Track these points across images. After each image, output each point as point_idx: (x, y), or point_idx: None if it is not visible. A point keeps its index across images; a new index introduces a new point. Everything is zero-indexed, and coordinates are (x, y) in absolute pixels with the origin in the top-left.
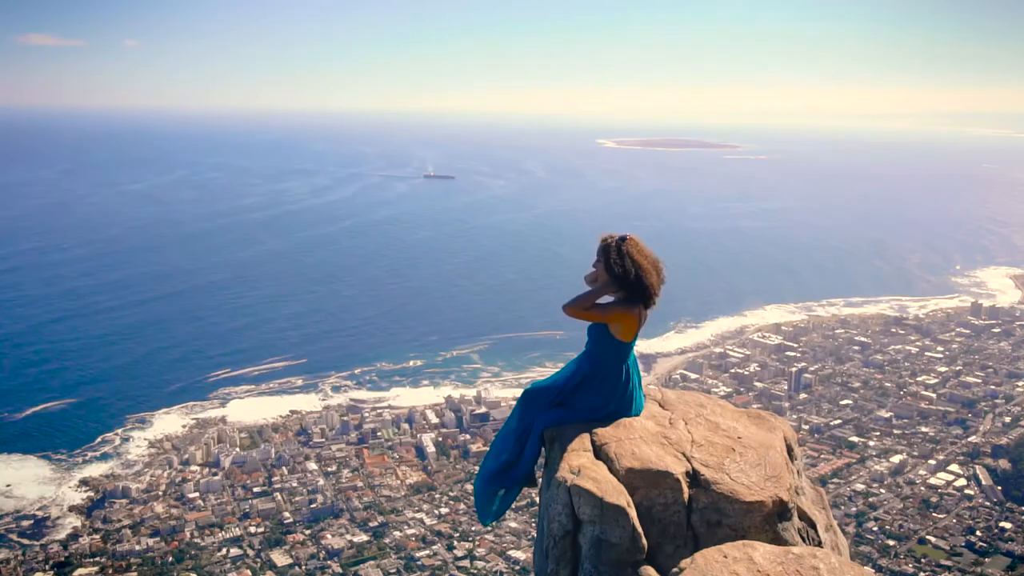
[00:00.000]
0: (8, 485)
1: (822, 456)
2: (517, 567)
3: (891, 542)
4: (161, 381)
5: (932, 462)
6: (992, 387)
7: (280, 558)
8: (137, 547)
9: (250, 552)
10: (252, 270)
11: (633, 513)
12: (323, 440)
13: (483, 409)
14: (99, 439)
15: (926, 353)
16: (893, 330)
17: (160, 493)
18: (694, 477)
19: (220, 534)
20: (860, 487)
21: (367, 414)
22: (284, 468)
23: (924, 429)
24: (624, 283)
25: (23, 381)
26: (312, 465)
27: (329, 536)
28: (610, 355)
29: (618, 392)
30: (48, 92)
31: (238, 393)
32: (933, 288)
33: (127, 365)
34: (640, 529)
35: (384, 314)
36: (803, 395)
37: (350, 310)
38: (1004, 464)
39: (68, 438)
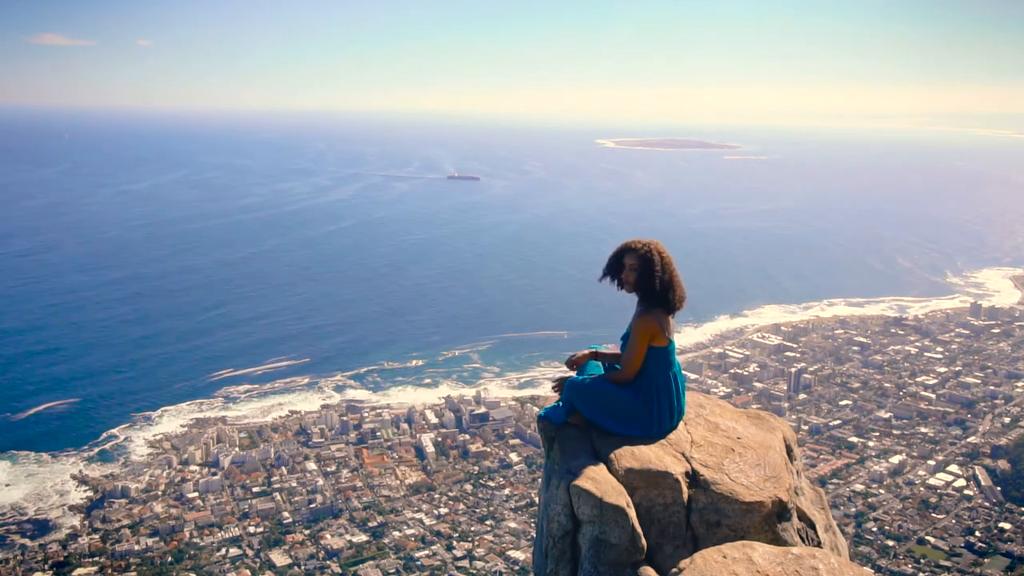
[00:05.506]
0: (8, 485)
1: (821, 456)
2: (516, 567)
3: (890, 542)
4: (162, 381)
5: (931, 462)
6: (991, 387)
7: (279, 558)
8: (136, 547)
9: (249, 552)
10: (253, 270)
11: (632, 513)
12: (323, 440)
13: (483, 409)
14: (100, 438)
15: (926, 353)
16: (893, 330)
17: (159, 493)
18: (693, 477)
19: (219, 534)
20: (859, 487)
21: (367, 414)
22: (283, 468)
23: (923, 429)
24: (656, 290)
25: (24, 381)
26: (311, 465)
27: (328, 536)
28: (649, 366)
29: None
30: (59, 92)
31: (239, 393)
32: (933, 288)
33: (128, 365)
34: (639, 529)
35: (385, 314)
36: (803, 395)
37: (351, 310)
38: (1003, 464)
39: (69, 438)
